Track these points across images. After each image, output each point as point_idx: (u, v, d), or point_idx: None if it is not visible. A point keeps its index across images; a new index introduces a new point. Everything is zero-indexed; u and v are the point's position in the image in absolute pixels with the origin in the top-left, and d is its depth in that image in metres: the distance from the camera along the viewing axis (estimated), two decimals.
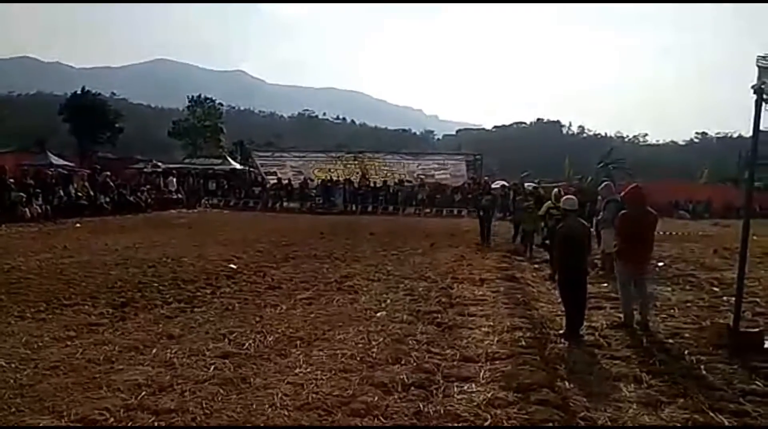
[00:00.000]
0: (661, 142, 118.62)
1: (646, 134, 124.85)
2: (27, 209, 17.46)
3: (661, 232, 13.54)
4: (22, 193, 17.80)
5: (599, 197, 12.35)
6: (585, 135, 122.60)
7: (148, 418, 3.73)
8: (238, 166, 35.85)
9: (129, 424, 3.64)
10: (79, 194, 20.94)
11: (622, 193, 7.53)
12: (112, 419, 3.69)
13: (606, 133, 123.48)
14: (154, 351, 5.13)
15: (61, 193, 19.99)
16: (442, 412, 3.93)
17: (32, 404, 3.89)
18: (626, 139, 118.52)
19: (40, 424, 3.60)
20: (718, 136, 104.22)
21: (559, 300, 6.77)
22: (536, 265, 11.29)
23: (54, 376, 4.42)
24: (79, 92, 52.50)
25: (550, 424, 3.73)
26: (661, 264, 11.27)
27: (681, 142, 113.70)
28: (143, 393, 4.10)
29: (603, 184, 11.67)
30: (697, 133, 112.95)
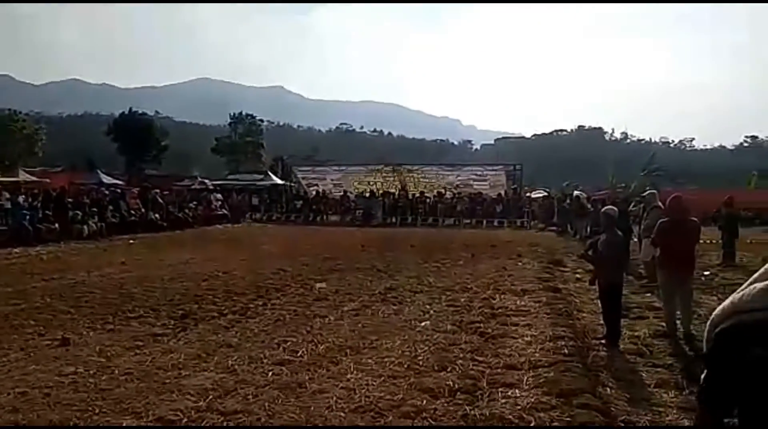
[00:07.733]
0: (708, 146, 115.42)
1: (693, 139, 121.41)
2: (84, 227, 18.38)
3: (708, 241, 13.36)
4: (78, 212, 18.77)
5: (642, 205, 12.38)
6: (629, 141, 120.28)
7: (217, 418, 4.08)
8: (279, 181, 36.67)
9: (202, 424, 4.00)
10: (132, 211, 21.90)
11: (667, 203, 7.53)
12: (185, 419, 4.06)
13: (650, 139, 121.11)
14: (216, 358, 5.51)
15: (114, 211, 20.92)
16: (488, 414, 4.15)
17: (113, 406, 4.29)
18: (671, 145, 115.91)
19: (123, 424, 4.00)
20: None
21: (601, 310, 6.89)
22: (578, 276, 11.33)
23: (129, 382, 4.83)
24: (126, 112, 54.75)
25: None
26: (706, 273, 11.17)
27: (730, 147, 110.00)
28: (210, 396, 4.46)
29: (648, 191, 11.66)
30: (746, 136, 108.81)
